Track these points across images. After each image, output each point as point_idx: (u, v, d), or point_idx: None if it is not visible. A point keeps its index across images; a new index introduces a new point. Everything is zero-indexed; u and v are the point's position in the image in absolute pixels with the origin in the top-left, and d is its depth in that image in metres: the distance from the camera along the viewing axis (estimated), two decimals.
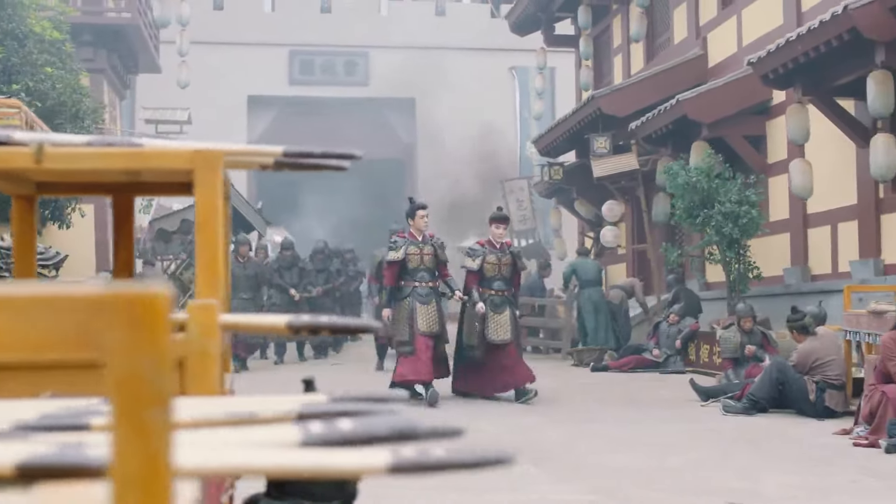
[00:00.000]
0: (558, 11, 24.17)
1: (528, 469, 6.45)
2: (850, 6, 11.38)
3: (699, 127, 15.78)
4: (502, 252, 11.03)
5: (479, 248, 11.07)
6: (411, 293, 10.47)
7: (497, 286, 10.85)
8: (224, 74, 32.78)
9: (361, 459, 1.18)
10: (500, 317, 10.70)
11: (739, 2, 16.95)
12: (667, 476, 6.14)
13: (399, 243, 10.60)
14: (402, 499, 5.59)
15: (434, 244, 10.70)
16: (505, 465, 1.11)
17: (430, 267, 10.57)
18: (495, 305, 10.75)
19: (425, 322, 10.35)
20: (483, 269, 10.88)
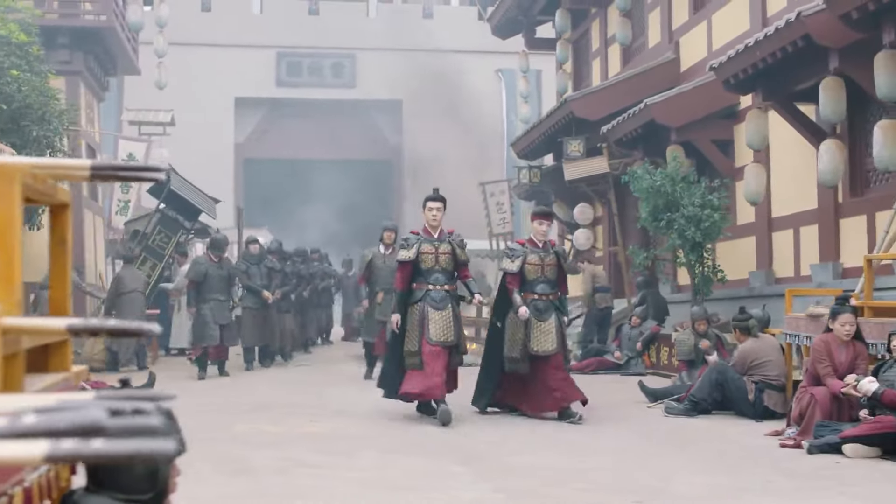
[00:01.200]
0: (539, 15, 24.34)
1: (452, 468, 6.60)
2: (803, 13, 11.52)
3: (669, 131, 15.92)
4: (545, 251, 9.63)
5: (518, 248, 9.69)
6: (423, 297, 9.24)
7: (541, 289, 9.51)
8: (212, 76, 32.97)
9: (19, 449, 1.33)
10: (545, 325, 9.40)
11: (710, 7, 17.09)
12: (583, 476, 6.28)
13: (411, 241, 9.41)
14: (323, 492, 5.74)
15: (453, 242, 9.43)
16: (163, 456, 1.23)
17: (447, 268, 9.37)
18: (539, 311, 9.44)
19: (438, 330, 9.12)
20: (524, 270, 9.53)
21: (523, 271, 9.51)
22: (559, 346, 9.45)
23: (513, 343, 9.53)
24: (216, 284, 13.65)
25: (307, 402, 10.77)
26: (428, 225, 9.44)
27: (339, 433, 8.33)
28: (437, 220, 9.35)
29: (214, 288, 13.63)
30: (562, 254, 9.80)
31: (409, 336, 9.18)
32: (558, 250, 9.87)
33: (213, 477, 6.46)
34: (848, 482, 6.24)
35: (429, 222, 9.40)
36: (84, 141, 18.62)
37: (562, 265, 9.69)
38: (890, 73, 10.44)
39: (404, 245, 9.40)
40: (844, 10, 10.64)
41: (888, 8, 10.16)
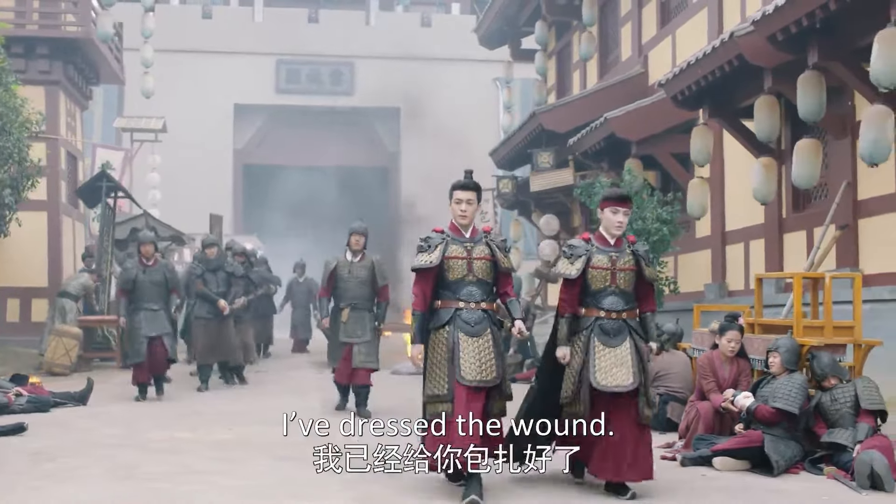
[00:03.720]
0: (524, 26, 24.63)
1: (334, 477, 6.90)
2: (735, 34, 11.78)
3: (631, 144, 16.17)
4: (619, 251, 6.76)
5: (581, 245, 6.82)
6: (452, 319, 6.61)
7: (610, 304, 6.68)
8: (212, 82, 33.41)
9: None
10: (615, 351, 6.61)
11: (674, 22, 17.33)
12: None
13: (433, 240, 6.79)
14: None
15: (492, 243, 6.83)
16: None
17: (484, 278, 6.73)
18: (606, 334, 6.63)
19: (474, 365, 6.48)
20: (586, 277, 6.71)
21: (585, 279, 6.68)
22: (638, 380, 6.53)
23: (566, 377, 6.76)
24: (147, 292, 12.06)
25: (242, 410, 11.07)
26: (456, 222, 6.81)
27: (246, 441, 8.63)
28: (467, 217, 6.76)
29: (145, 296, 12.05)
30: (644, 256, 6.81)
31: (431, 375, 6.58)
32: (638, 250, 6.82)
33: (100, 482, 6.77)
34: (697, 493, 6.51)
35: (457, 219, 6.78)
36: (64, 149, 18.99)
37: (643, 271, 6.78)
38: (811, 93, 10.67)
39: (424, 247, 6.75)
40: (770, 31, 10.89)
41: (810, 30, 10.40)
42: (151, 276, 12.17)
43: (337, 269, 10.94)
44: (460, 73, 34.61)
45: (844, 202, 11.86)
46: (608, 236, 6.79)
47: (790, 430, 7.48)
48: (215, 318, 13.19)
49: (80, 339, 15.07)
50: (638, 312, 6.80)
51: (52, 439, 8.64)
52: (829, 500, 6.51)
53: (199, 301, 13.38)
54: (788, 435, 7.46)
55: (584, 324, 6.67)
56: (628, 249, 6.82)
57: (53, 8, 18.14)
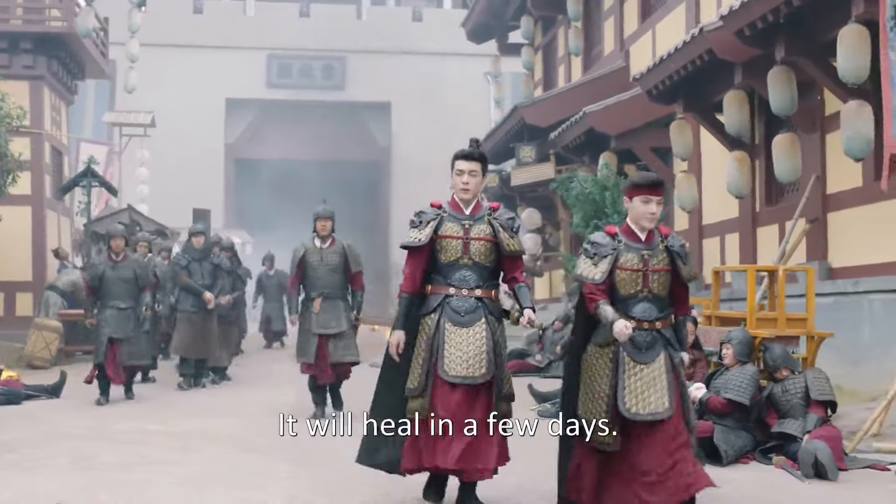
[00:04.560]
0: (511, 20, 24.69)
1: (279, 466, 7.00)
2: (705, 29, 11.87)
3: (610, 138, 16.26)
4: (651, 248, 5.58)
5: (606, 242, 5.63)
6: (440, 307, 5.82)
7: (641, 312, 5.53)
8: (203, 77, 33.50)
9: None
10: (649, 369, 5.48)
11: (654, 16, 17.41)
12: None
13: (426, 216, 5.95)
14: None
15: (495, 222, 5.93)
16: None
17: (483, 262, 5.87)
18: (637, 349, 5.49)
19: (459, 358, 5.70)
20: (614, 280, 5.55)
21: (612, 282, 5.54)
22: (677, 403, 5.47)
23: (595, 400, 5.54)
24: (115, 289, 11.23)
25: (215, 403, 11.19)
26: (456, 196, 5.94)
27: (208, 432, 8.75)
28: (469, 190, 5.86)
29: (113, 293, 11.21)
30: (680, 252, 5.63)
31: (413, 367, 5.80)
32: (673, 246, 5.64)
33: (59, 472, 6.90)
34: None
35: (458, 192, 5.92)
36: (49, 144, 19.09)
37: (679, 271, 5.60)
38: (782, 88, 10.77)
39: (415, 222, 5.95)
40: (738, 26, 10.98)
41: (775, 26, 10.49)
42: (120, 273, 11.32)
43: (306, 257, 10.04)
44: (452, 67, 34.71)
45: (814, 196, 11.95)
46: (638, 230, 5.56)
47: (742, 421, 7.59)
48: (199, 311, 12.57)
49: (60, 332, 15.17)
50: (670, 318, 5.60)
51: (19, 431, 8.76)
52: (773, 488, 6.61)
53: (182, 293, 12.73)
54: (740, 425, 7.56)
55: (612, 335, 5.37)
56: (661, 245, 5.56)
57: (37, 3, 18.21)
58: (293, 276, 10.25)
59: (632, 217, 5.62)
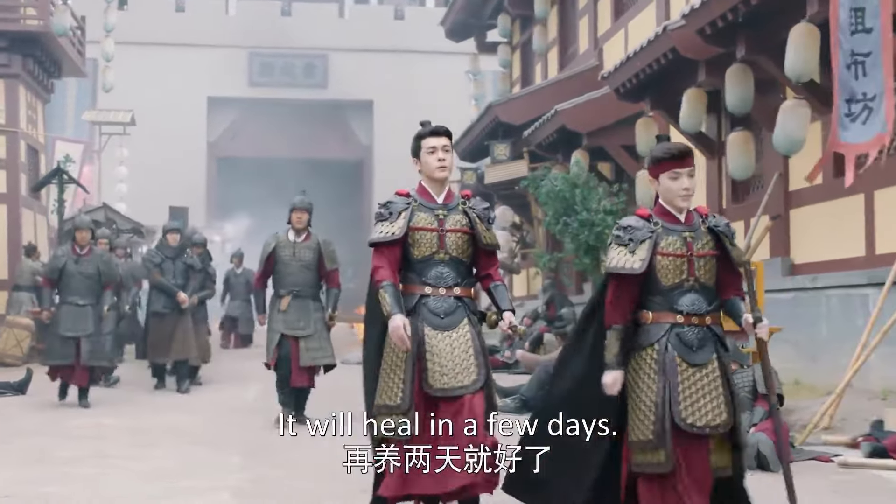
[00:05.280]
0: (489, 19, 24.77)
1: (231, 459, 7.09)
2: (668, 27, 11.98)
3: (582, 136, 16.37)
4: (693, 230, 4.75)
5: (641, 225, 4.75)
6: (416, 309, 5.12)
7: (689, 304, 4.65)
8: (184, 75, 33.51)
9: None
10: (701, 373, 4.61)
11: (627, 15, 17.51)
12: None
13: (396, 206, 5.22)
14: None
15: (471, 211, 5.27)
16: None
17: (460, 257, 5.20)
18: (688, 348, 4.62)
19: (444, 368, 5.02)
20: (653, 270, 4.65)
21: (651, 272, 4.64)
22: (733, 416, 4.64)
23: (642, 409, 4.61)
24: (75, 284, 10.60)
25: (178, 400, 11.28)
26: (432, 177, 5.22)
27: (168, 428, 8.86)
28: (447, 167, 5.21)
29: (72, 288, 10.59)
30: (726, 232, 4.81)
31: (387, 379, 5.06)
32: (718, 225, 4.83)
33: (11, 466, 6.99)
34: None
35: (434, 172, 5.19)
36: (25, 142, 19.13)
37: (728, 254, 4.76)
38: (739, 86, 10.88)
39: (384, 215, 5.21)
40: (699, 25, 11.10)
41: (736, 24, 10.61)
42: (83, 267, 10.67)
43: (277, 251, 9.34)
44: (434, 65, 34.76)
45: (776, 193, 12.05)
46: (674, 211, 4.73)
47: None
48: (172, 312, 12.02)
49: (31, 330, 15.21)
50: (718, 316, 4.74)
51: None
52: None
53: (154, 293, 12.22)
54: None
55: (654, 334, 4.60)
56: (704, 227, 4.77)
57: (13, 1, 18.25)
58: (260, 270, 9.56)
59: (663, 197, 4.77)
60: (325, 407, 8.61)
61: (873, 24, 7.78)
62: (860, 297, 9.64)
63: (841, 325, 10.23)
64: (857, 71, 7.96)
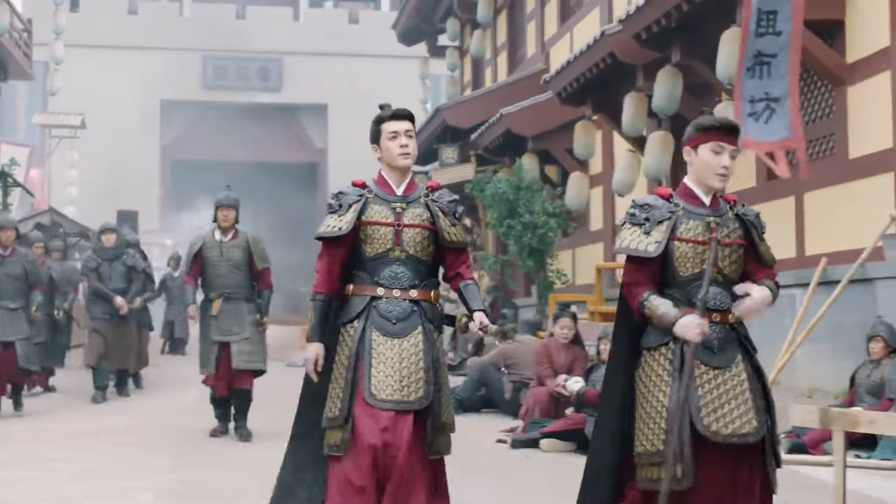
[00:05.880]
0: (440, 23, 24.91)
1: (160, 461, 7.14)
2: (606, 32, 12.17)
3: (527, 139, 16.53)
4: (720, 215, 4.14)
5: (660, 203, 4.17)
6: (365, 312, 4.59)
7: (711, 299, 4.05)
8: (137, 78, 33.32)
9: None
10: (725, 376, 4.02)
11: (572, 19, 17.71)
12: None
13: (347, 197, 4.67)
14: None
15: (434, 204, 4.71)
16: None
17: (419, 255, 4.66)
18: (709, 349, 4.03)
19: (389, 378, 4.47)
20: (670, 257, 4.08)
21: (668, 260, 4.09)
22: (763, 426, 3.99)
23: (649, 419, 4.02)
24: (4, 286, 10.12)
25: (119, 403, 11.29)
26: (394, 164, 4.68)
27: (106, 431, 8.89)
28: (410, 154, 4.65)
29: (2, 291, 10.12)
30: (756, 224, 4.21)
31: (333, 389, 4.55)
32: (748, 214, 4.23)
33: None
34: (515, 472, 6.85)
35: (396, 160, 4.65)
36: None
37: (756, 247, 4.18)
38: (666, 88, 11.09)
39: (334, 206, 4.67)
40: (635, 30, 11.29)
41: (669, 29, 10.79)
42: (8, 269, 10.16)
43: (204, 251, 8.82)
44: (388, 69, 34.76)
45: None
46: (702, 191, 4.11)
47: None
48: (112, 318, 11.50)
49: None
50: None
51: None
52: None
53: (93, 299, 11.77)
54: None
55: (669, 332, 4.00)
56: (731, 213, 4.16)
57: None
58: (188, 273, 9.04)
59: (695, 173, 4.10)
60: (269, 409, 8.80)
61: (783, 28, 7.98)
62: (788, 297, 9.83)
63: (771, 325, 10.41)
64: (761, 71, 8.18)
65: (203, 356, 8.78)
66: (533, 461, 7.39)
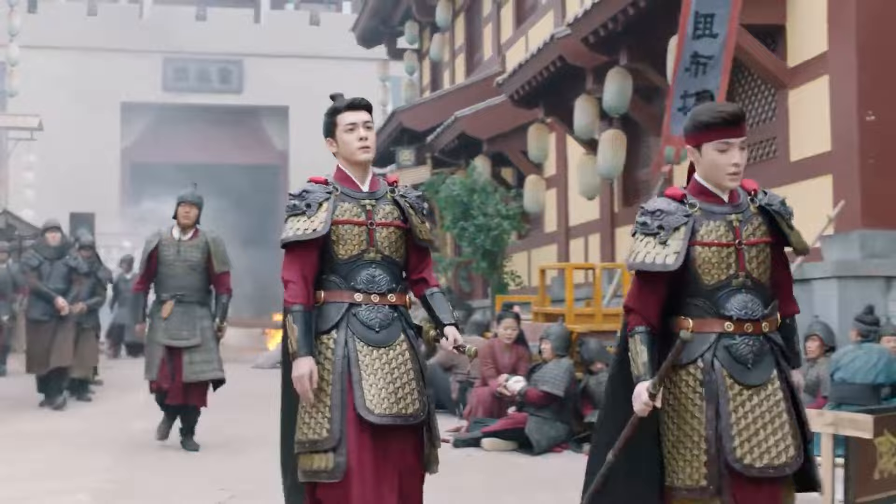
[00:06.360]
0: (398, 25, 24.96)
1: (99, 461, 7.15)
2: (555, 36, 12.27)
3: (482, 142, 16.62)
4: (741, 211, 3.70)
5: (674, 208, 3.66)
6: (343, 321, 4.17)
7: (740, 308, 3.62)
8: (97, 80, 33.14)
9: None
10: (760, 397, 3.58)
11: (527, 22, 17.83)
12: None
13: (313, 195, 4.25)
14: None
15: (402, 200, 4.36)
16: None
17: (393, 256, 4.28)
18: (741, 364, 3.59)
19: (386, 391, 4.06)
20: (691, 263, 3.62)
21: (688, 268, 3.64)
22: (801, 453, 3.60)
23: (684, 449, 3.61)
24: None
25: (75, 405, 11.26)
26: (353, 158, 4.28)
27: (49, 432, 8.89)
28: (370, 147, 4.28)
29: None
30: (783, 212, 3.75)
31: (306, 410, 4.09)
32: (772, 204, 3.76)
33: None
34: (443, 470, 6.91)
35: (355, 154, 4.25)
36: None
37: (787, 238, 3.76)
38: (615, 89, 11.21)
39: (299, 207, 4.23)
40: (583, 34, 11.40)
41: (616, 33, 10.90)
42: None
43: (160, 250, 8.31)
44: (349, 71, 34.74)
45: None
46: (718, 191, 3.67)
47: (558, 412, 7.93)
48: (51, 319, 10.94)
49: None
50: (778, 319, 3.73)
51: None
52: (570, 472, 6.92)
53: (32, 299, 11.24)
54: (556, 417, 7.90)
55: (696, 348, 3.58)
56: (753, 207, 3.71)
57: None
58: (141, 272, 8.47)
59: (704, 173, 3.67)
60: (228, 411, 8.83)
61: (720, 31, 8.11)
62: None
63: None
64: (696, 70, 8.30)
65: (148, 360, 8.25)
66: (473, 460, 7.47)
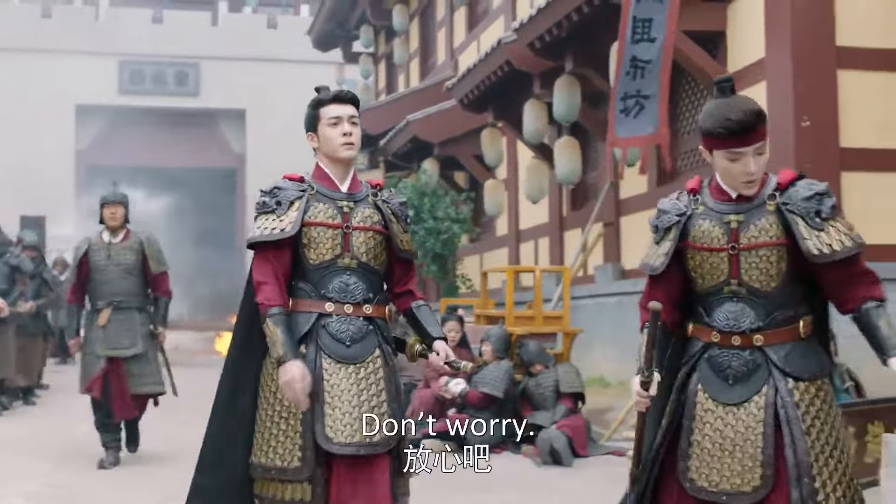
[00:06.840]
0: (354, 29, 25.00)
1: (42, 465, 7.15)
2: (503, 41, 12.39)
3: (434, 146, 16.70)
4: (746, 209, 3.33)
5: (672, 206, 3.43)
6: (312, 333, 3.80)
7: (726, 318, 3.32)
8: (51, 82, 32.96)
9: None
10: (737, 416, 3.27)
11: (479, 27, 17.95)
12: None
13: (285, 192, 3.90)
14: None
15: (384, 205, 3.99)
16: None
17: (371, 264, 3.90)
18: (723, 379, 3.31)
19: (352, 416, 3.69)
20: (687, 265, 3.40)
21: (686, 270, 3.43)
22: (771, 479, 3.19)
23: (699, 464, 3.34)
24: None
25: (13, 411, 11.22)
26: (336, 155, 3.98)
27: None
28: (355, 144, 3.99)
29: None
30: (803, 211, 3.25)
31: (266, 431, 3.78)
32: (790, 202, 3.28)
33: None
34: None
35: (338, 150, 3.97)
36: None
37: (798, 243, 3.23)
38: (565, 96, 11.34)
39: (269, 205, 3.88)
40: (529, 39, 11.52)
41: (561, 39, 11.04)
42: None
43: (90, 255, 7.79)
44: (306, 74, 34.57)
45: (608, 201, 12.55)
46: (729, 184, 3.34)
47: (498, 414, 8.02)
48: None
49: None
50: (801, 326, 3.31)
51: None
52: (509, 473, 7.04)
53: None
54: (495, 418, 7.98)
55: (687, 355, 3.41)
56: (771, 204, 3.30)
57: None
58: (73, 281, 7.94)
59: (722, 178, 3.36)
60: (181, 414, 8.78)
61: (658, 35, 8.25)
62: None
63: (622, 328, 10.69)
64: (635, 74, 8.45)
65: (84, 373, 7.72)
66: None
